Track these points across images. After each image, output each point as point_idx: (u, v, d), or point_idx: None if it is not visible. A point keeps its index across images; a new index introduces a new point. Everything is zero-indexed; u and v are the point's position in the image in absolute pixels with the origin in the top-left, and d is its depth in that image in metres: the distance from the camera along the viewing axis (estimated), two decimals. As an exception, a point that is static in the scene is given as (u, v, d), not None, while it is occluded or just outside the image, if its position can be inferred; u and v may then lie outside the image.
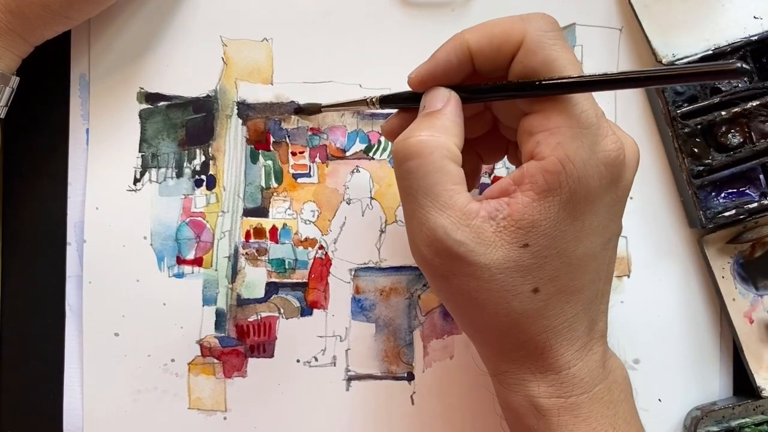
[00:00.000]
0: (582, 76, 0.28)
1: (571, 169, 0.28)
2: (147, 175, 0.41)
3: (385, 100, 0.35)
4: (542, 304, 0.29)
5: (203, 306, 0.41)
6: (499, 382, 0.32)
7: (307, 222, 0.41)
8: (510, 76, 0.30)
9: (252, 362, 0.41)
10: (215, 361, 0.41)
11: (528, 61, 0.29)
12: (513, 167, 0.41)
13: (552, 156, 0.28)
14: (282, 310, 0.41)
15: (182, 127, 0.41)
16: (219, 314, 0.41)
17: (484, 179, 0.41)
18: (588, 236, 0.29)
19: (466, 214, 0.28)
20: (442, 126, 0.29)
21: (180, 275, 0.41)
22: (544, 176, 0.28)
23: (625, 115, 0.41)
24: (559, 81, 0.28)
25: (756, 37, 0.39)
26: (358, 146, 0.41)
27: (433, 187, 0.28)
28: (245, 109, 0.41)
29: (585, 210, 0.28)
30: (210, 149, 0.41)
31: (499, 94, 0.30)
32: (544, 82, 0.28)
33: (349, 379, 0.41)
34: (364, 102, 0.35)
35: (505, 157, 0.36)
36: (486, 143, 0.35)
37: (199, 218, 0.41)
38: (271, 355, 0.41)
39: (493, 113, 0.34)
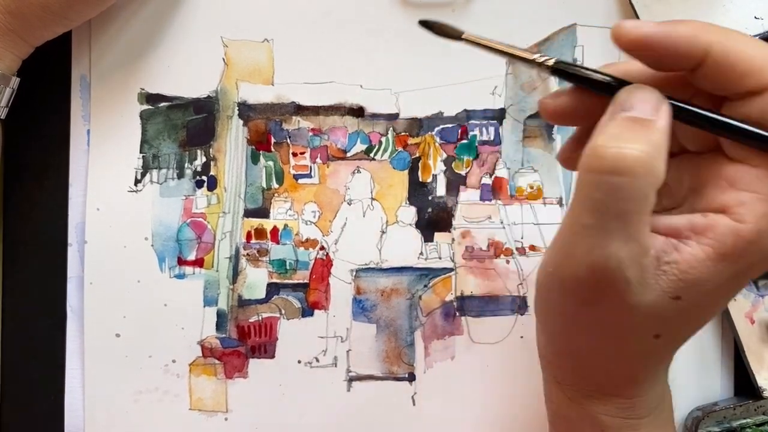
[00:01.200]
0: None
1: (765, 245, 0.25)
2: (148, 176, 0.41)
3: (561, 71, 0.27)
4: (654, 348, 0.28)
5: (204, 307, 0.41)
6: (562, 392, 0.31)
7: (308, 223, 0.41)
8: (734, 110, 0.25)
9: (253, 363, 0.41)
10: (216, 361, 0.41)
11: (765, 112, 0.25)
12: (512, 168, 0.41)
13: (754, 225, 0.25)
14: (283, 311, 0.41)
15: (183, 128, 0.41)
16: (220, 315, 0.41)
17: (484, 179, 0.41)
18: (727, 297, 0.28)
19: (643, 251, 0.25)
20: (657, 145, 0.24)
21: (181, 276, 0.41)
22: (735, 241, 0.25)
23: (626, 116, 0.41)
24: None
25: (757, 38, 0.39)
26: (359, 147, 0.41)
27: (630, 215, 0.24)
28: (246, 110, 0.41)
29: (747, 280, 0.27)
30: (211, 150, 0.41)
31: (717, 127, 0.25)
32: None
33: (350, 379, 0.41)
34: (531, 60, 0.28)
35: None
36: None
37: (200, 219, 0.41)
38: (272, 356, 0.41)
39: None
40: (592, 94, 0.27)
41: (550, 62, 0.27)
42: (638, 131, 0.25)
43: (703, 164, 0.27)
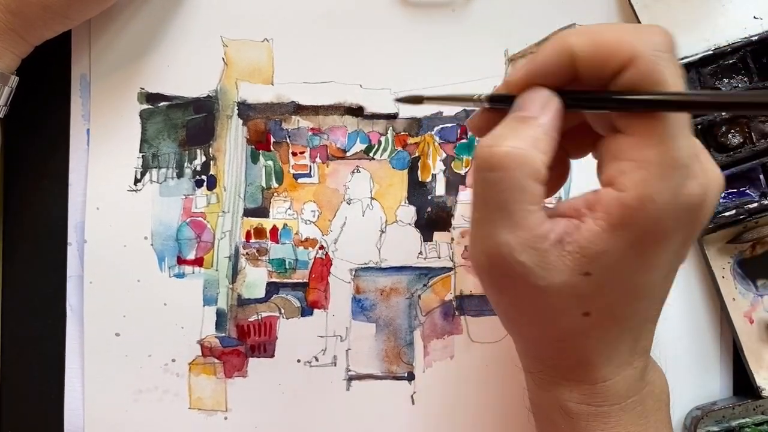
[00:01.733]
0: (697, 93, 0.26)
1: (651, 209, 0.26)
2: (148, 175, 0.41)
3: (496, 99, 0.31)
4: (588, 326, 0.28)
5: (204, 306, 0.41)
6: (532, 380, 0.32)
7: (308, 222, 0.41)
8: (612, 89, 0.27)
9: (252, 362, 0.41)
10: (216, 361, 0.41)
11: (636, 80, 0.26)
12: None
13: (634, 191, 0.26)
14: (282, 310, 0.41)
15: (183, 128, 0.41)
16: (220, 314, 0.41)
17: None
18: (652, 270, 0.28)
19: (536, 237, 0.27)
20: (533, 139, 0.27)
21: (181, 275, 0.41)
22: (621, 210, 0.26)
23: (626, 115, 0.41)
24: (667, 98, 0.26)
25: (756, 38, 0.39)
26: (359, 146, 0.41)
27: (508, 204, 0.27)
28: (246, 110, 0.41)
29: (655, 248, 0.27)
30: (210, 149, 0.41)
31: (602, 104, 0.27)
32: (649, 98, 0.26)
33: (350, 378, 0.41)
34: (470, 98, 0.31)
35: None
36: (573, 137, 0.31)
37: (200, 218, 0.41)
38: (272, 355, 0.41)
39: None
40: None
41: (485, 98, 0.30)
42: (517, 128, 0.27)
43: (604, 145, 0.28)
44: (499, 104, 0.30)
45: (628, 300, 0.28)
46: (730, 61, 0.39)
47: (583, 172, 0.41)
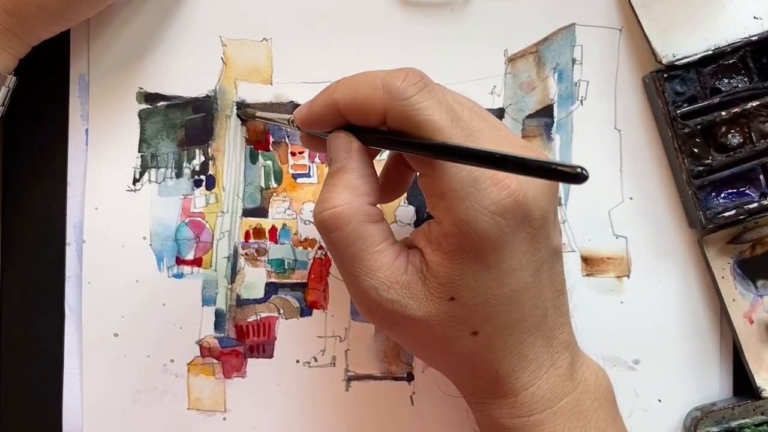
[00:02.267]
0: (433, 143, 0.27)
1: (466, 229, 0.27)
2: (146, 175, 0.41)
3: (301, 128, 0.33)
4: (485, 343, 0.29)
5: (203, 306, 0.41)
6: (467, 402, 0.33)
7: (307, 222, 0.41)
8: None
9: (251, 362, 0.41)
10: (215, 361, 0.41)
11: (398, 128, 0.28)
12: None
13: (447, 220, 0.28)
14: (281, 311, 0.41)
15: (182, 128, 0.41)
16: (218, 314, 0.41)
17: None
18: (510, 275, 0.29)
19: (394, 273, 0.29)
20: (351, 188, 0.29)
21: (179, 275, 0.41)
22: (446, 239, 0.28)
23: (625, 115, 0.41)
24: (409, 141, 0.28)
25: (756, 37, 0.39)
26: (358, 146, 0.41)
27: (357, 255, 0.29)
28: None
29: (496, 257, 0.28)
30: (209, 149, 0.41)
31: (388, 146, 0.30)
32: (411, 145, 0.28)
33: (349, 379, 0.41)
34: (286, 121, 0.34)
35: None
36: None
37: (199, 218, 0.41)
38: (271, 356, 0.41)
39: None
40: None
41: (294, 123, 0.33)
42: (334, 184, 0.29)
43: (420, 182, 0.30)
44: (307, 131, 0.33)
45: (503, 308, 0.29)
46: (730, 61, 0.39)
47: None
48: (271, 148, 0.41)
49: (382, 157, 0.39)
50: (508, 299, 0.29)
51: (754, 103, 0.39)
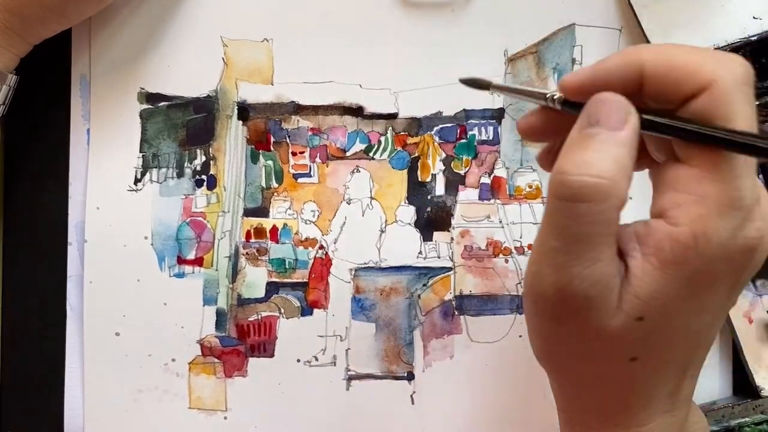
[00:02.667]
0: None
1: (704, 248, 0.24)
2: (148, 175, 0.41)
3: (569, 104, 0.28)
4: (634, 371, 0.27)
5: (204, 306, 0.41)
6: (564, 420, 0.30)
7: (308, 222, 0.41)
8: (682, 113, 0.25)
9: (252, 362, 0.41)
10: (216, 360, 0.41)
11: (708, 110, 0.24)
12: (511, 167, 0.41)
13: (689, 227, 0.24)
14: (282, 310, 0.41)
15: (183, 128, 0.41)
16: (219, 314, 0.41)
17: (483, 179, 0.41)
18: (703, 313, 0.26)
19: (608, 272, 0.25)
20: (620, 163, 0.25)
21: (180, 275, 0.41)
22: (672, 246, 0.25)
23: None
24: (744, 140, 0.24)
25: (755, 38, 0.39)
26: (359, 146, 0.41)
27: (591, 238, 0.25)
28: (246, 110, 0.41)
29: (706, 290, 0.25)
30: (210, 149, 0.41)
31: (669, 131, 0.25)
32: (726, 136, 0.24)
33: (350, 378, 0.41)
34: (542, 96, 0.29)
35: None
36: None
37: (200, 218, 0.41)
38: (272, 355, 0.41)
39: None
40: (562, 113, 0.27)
41: (558, 99, 0.28)
42: (602, 150, 0.25)
43: (661, 171, 0.26)
44: (572, 109, 0.27)
45: (677, 345, 0.27)
46: (730, 61, 0.40)
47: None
48: (271, 148, 0.41)
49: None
50: (684, 337, 0.26)
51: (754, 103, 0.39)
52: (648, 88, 0.26)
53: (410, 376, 0.41)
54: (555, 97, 0.28)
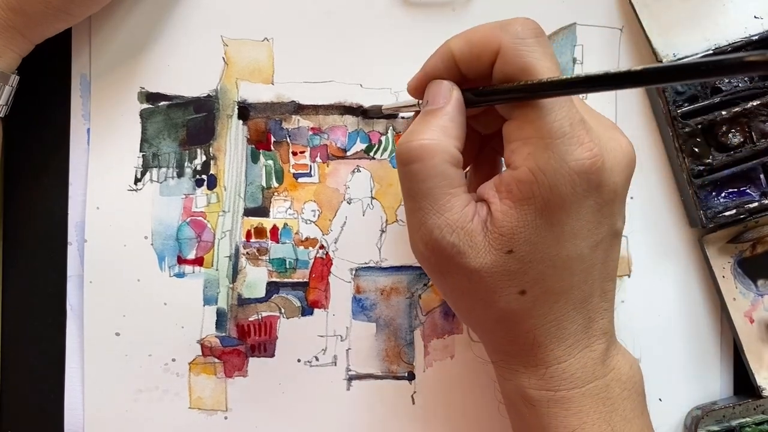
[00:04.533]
0: (546, 80, 0.28)
1: (542, 178, 0.28)
2: (148, 174, 0.41)
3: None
4: (529, 305, 0.30)
5: (204, 306, 0.41)
6: (496, 370, 0.33)
7: (308, 222, 0.41)
8: (493, 82, 0.30)
9: (253, 362, 0.41)
10: (216, 360, 0.41)
11: (505, 69, 0.29)
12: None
13: (523, 166, 0.28)
14: (283, 310, 0.41)
15: (183, 127, 0.41)
16: (220, 314, 0.41)
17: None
18: (570, 240, 0.29)
19: (462, 217, 0.29)
20: (443, 128, 0.30)
21: (181, 275, 0.41)
22: (518, 186, 0.29)
23: (626, 115, 0.41)
24: (521, 85, 0.28)
25: (756, 37, 0.39)
26: (359, 146, 0.41)
27: (432, 191, 0.29)
28: (246, 109, 0.41)
29: (562, 216, 0.29)
30: (211, 149, 0.41)
31: (484, 98, 0.30)
32: (503, 87, 0.29)
33: (350, 378, 0.41)
34: (415, 104, 0.35)
35: None
36: (481, 117, 0.35)
37: (200, 218, 0.41)
38: (272, 355, 0.41)
39: None
40: None
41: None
42: (428, 121, 0.30)
43: (502, 133, 0.30)
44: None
45: (556, 272, 0.29)
46: (731, 61, 0.39)
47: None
48: (272, 148, 0.41)
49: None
50: (562, 264, 0.29)
51: (755, 103, 0.39)
52: (462, 68, 0.31)
53: (411, 376, 0.41)
54: (419, 102, 0.33)
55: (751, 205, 0.39)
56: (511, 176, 0.29)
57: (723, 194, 0.40)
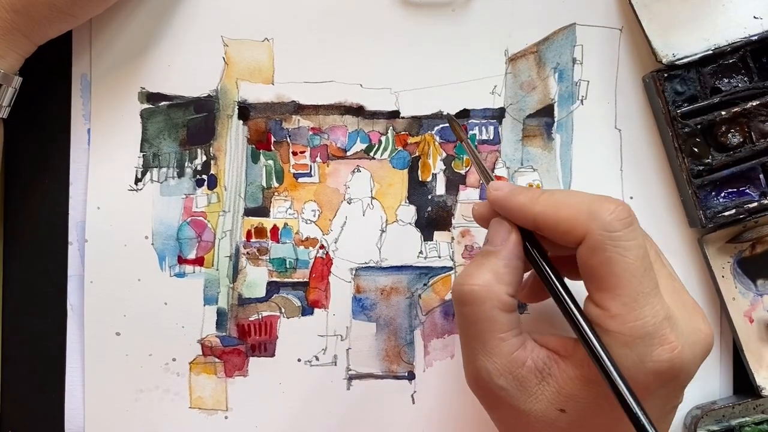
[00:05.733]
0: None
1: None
2: (148, 174, 0.41)
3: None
4: None
5: (204, 305, 0.41)
6: None
7: (308, 221, 0.41)
8: (577, 258, 0.30)
9: (253, 361, 0.41)
10: (216, 360, 0.41)
11: (588, 259, 0.29)
12: (511, 167, 0.41)
13: None
14: (283, 310, 0.41)
15: (183, 127, 0.41)
16: (220, 314, 0.41)
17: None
18: (626, 422, 0.28)
19: (511, 363, 0.30)
20: (496, 273, 0.30)
21: (181, 275, 0.41)
22: (591, 367, 0.28)
23: (626, 115, 0.41)
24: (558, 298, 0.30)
25: (756, 37, 0.39)
26: (359, 146, 0.41)
27: (481, 335, 0.30)
28: (246, 109, 0.41)
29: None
30: (211, 149, 0.41)
31: (551, 282, 0.31)
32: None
33: (350, 378, 0.41)
34: (488, 179, 0.35)
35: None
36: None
37: (201, 218, 0.41)
38: (272, 355, 0.41)
39: None
40: None
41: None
42: (482, 264, 0.31)
43: (585, 306, 0.30)
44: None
45: None
46: (730, 61, 0.40)
47: (583, 174, 0.41)
48: (272, 148, 0.41)
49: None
50: (601, 428, 0.30)
51: (754, 103, 0.39)
52: (545, 235, 0.31)
53: (411, 376, 0.41)
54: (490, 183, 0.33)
55: (751, 205, 0.39)
56: (587, 355, 0.28)
57: (722, 194, 0.40)
